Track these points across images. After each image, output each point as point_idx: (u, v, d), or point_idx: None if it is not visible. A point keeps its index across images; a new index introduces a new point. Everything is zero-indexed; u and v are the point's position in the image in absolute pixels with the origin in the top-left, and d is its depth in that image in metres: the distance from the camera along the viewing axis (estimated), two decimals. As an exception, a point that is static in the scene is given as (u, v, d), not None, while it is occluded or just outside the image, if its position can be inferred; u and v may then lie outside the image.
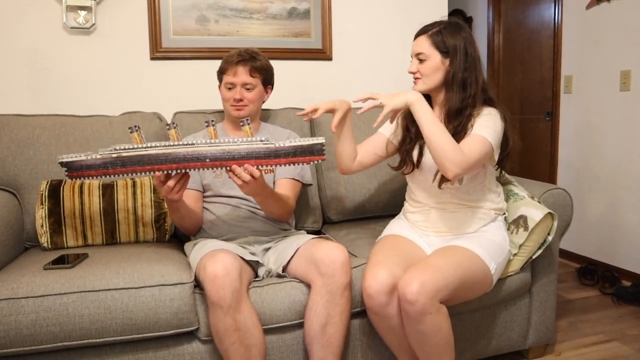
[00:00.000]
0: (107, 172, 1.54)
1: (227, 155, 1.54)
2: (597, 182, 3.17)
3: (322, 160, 1.57)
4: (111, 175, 1.55)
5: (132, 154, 1.53)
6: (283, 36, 2.60)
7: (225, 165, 1.55)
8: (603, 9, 3.06)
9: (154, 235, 1.96)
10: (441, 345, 1.56)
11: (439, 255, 1.65)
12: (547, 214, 1.83)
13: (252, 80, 1.91)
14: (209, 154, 1.53)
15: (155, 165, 1.54)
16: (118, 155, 1.53)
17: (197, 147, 1.53)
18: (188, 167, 1.54)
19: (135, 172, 1.54)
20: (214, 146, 1.53)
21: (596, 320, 2.46)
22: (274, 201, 1.80)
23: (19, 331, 1.44)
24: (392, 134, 1.90)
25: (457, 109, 1.71)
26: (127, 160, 1.53)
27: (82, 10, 2.31)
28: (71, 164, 1.55)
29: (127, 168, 1.54)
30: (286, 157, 1.56)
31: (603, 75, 3.08)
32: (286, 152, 1.55)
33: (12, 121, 2.01)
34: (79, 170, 1.55)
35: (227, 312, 1.48)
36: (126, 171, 1.54)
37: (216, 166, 1.55)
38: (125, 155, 1.53)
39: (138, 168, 1.54)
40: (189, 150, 1.53)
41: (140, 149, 1.53)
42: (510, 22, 4.08)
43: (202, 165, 1.54)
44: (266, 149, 1.55)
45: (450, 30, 1.72)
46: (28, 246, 1.96)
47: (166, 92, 2.47)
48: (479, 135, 1.64)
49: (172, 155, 1.53)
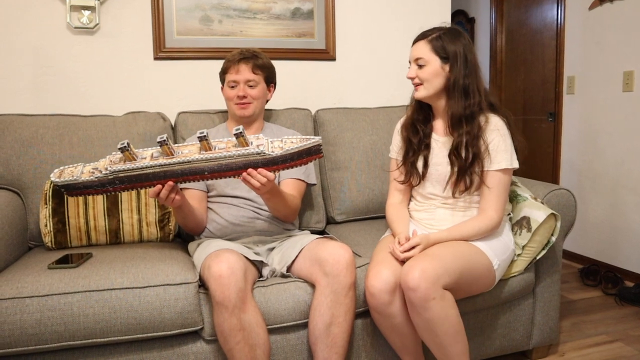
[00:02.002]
0: (107, 190, 1.57)
1: (225, 168, 1.54)
2: (599, 183, 3.17)
3: (320, 157, 1.58)
4: (111, 193, 1.58)
5: (129, 175, 1.53)
6: (286, 36, 2.60)
7: (224, 176, 1.55)
8: (606, 10, 3.06)
9: (158, 235, 1.96)
10: (451, 334, 1.55)
11: (440, 246, 1.66)
12: (550, 215, 1.83)
13: (254, 77, 1.92)
14: (206, 169, 1.53)
15: (154, 181, 1.55)
16: (115, 176, 1.53)
17: (193, 163, 1.52)
18: (189, 179, 1.54)
19: (136, 188, 1.57)
20: (210, 161, 1.52)
21: (599, 321, 2.45)
22: (282, 200, 1.80)
23: (23, 330, 1.44)
24: (397, 152, 1.91)
25: (460, 115, 1.71)
26: (126, 179, 1.54)
27: (86, 10, 2.31)
28: (68, 186, 1.56)
29: (126, 185, 1.55)
30: (284, 164, 1.55)
31: (606, 76, 3.08)
32: (284, 159, 1.54)
33: (16, 121, 2.01)
34: (78, 190, 1.57)
35: (232, 312, 1.48)
36: (126, 188, 1.56)
37: (215, 177, 1.55)
38: (123, 176, 1.53)
39: (138, 185, 1.55)
40: (184, 168, 1.52)
41: (137, 170, 1.52)
42: (512, 22, 4.08)
43: (201, 177, 1.55)
44: (263, 159, 1.54)
45: (450, 36, 1.72)
46: (32, 246, 1.96)
47: (170, 92, 2.47)
48: (498, 174, 1.71)
49: (169, 172, 1.54)
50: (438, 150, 1.79)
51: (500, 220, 1.73)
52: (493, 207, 1.71)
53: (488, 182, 1.72)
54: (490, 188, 1.71)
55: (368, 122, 2.39)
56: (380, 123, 2.40)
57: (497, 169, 1.71)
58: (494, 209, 1.71)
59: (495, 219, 1.71)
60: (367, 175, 2.31)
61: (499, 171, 1.71)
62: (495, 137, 1.71)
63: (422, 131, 1.82)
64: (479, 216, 1.73)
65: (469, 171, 1.71)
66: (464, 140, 1.70)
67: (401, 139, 1.89)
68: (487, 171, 1.72)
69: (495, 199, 1.71)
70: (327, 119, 2.37)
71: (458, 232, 1.70)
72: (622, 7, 2.94)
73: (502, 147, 1.71)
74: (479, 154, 1.70)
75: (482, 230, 1.70)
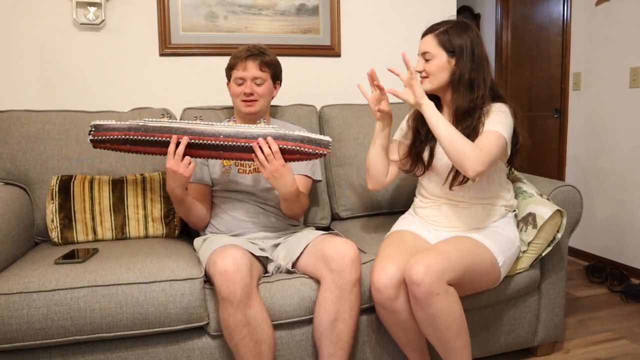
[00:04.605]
0: (128, 134, 1.72)
1: (240, 135, 1.66)
2: (605, 180, 3.16)
3: (328, 152, 1.67)
4: (130, 142, 1.73)
5: (156, 125, 1.71)
6: (292, 32, 2.60)
7: (237, 142, 1.66)
8: (612, 6, 3.04)
9: (164, 231, 1.96)
10: (454, 329, 1.55)
11: (444, 242, 1.66)
12: (556, 212, 1.82)
13: (262, 75, 1.92)
14: (223, 132, 1.67)
15: (172, 134, 1.68)
16: (144, 123, 1.71)
17: (215, 126, 1.68)
18: (203, 139, 1.67)
19: (154, 137, 1.70)
20: (230, 127, 1.68)
21: (605, 318, 2.45)
22: (296, 200, 1.80)
23: (30, 325, 1.45)
24: (402, 136, 1.91)
25: (465, 109, 1.70)
26: (150, 128, 1.71)
27: (92, 7, 2.31)
28: (99, 125, 1.75)
29: (148, 133, 1.70)
30: (294, 142, 1.65)
31: (612, 72, 3.07)
32: (294, 138, 1.66)
33: (23, 117, 2.02)
34: (105, 131, 1.74)
35: (237, 308, 1.48)
36: (146, 135, 1.71)
37: (228, 141, 1.67)
38: (150, 125, 1.71)
39: (157, 134, 1.70)
40: (207, 128, 1.68)
41: (165, 122, 1.71)
42: (518, 18, 4.06)
43: (215, 139, 1.67)
44: (276, 132, 1.66)
45: (457, 29, 1.71)
46: (38, 241, 1.97)
47: (175, 88, 2.47)
48: (492, 131, 1.64)
49: (190, 130, 1.68)
50: None
51: (480, 163, 1.56)
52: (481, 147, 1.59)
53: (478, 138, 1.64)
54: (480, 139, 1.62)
55: (373, 119, 2.36)
56: (385, 119, 2.39)
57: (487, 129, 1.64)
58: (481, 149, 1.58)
59: (480, 155, 1.56)
60: (372, 172, 2.30)
61: (490, 130, 1.64)
62: (494, 114, 1.67)
63: None
64: None
65: None
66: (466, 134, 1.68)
67: (408, 127, 1.88)
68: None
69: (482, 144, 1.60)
70: (333, 115, 2.37)
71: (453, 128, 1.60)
72: (629, 3, 2.92)
73: (496, 119, 1.65)
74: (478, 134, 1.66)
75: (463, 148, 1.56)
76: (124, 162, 2.05)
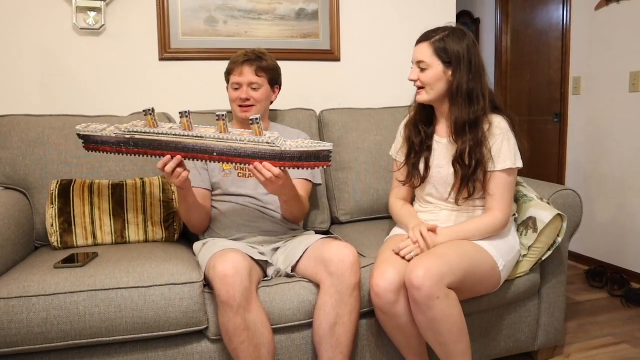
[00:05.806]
0: (120, 150, 1.64)
1: (234, 152, 1.58)
2: (605, 184, 3.16)
3: (328, 166, 1.59)
4: (124, 153, 1.64)
5: (144, 138, 1.61)
6: (291, 37, 2.61)
7: (231, 160, 1.59)
8: (612, 10, 3.04)
9: (163, 235, 1.96)
10: (454, 332, 1.55)
11: (444, 246, 1.66)
12: (556, 216, 1.82)
13: (258, 80, 1.92)
14: (216, 149, 1.57)
15: (165, 151, 1.60)
16: (131, 137, 1.61)
17: (206, 140, 1.58)
18: (196, 157, 1.59)
19: (147, 154, 1.63)
20: (222, 142, 1.57)
21: (605, 323, 2.44)
22: (296, 202, 1.81)
23: (30, 329, 1.45)
24: (398, 152, 1.91)
25: (464, 122, 1.68)
26: (140, 143, 1.61)
27: (92, 12, 2.32)
28: (87, 137, 1.66)
29: (139, 149, 1.62)
30: (291, 161, 1.57)
31: (612, 77, 3.07)
32: (291, 156, 1.57)
33: (23, 121, 2.02)
34: (94, 144, 1.66)
35: (236, 312, 1.48)
36: (137, 152, 1.63)
37: (223, 160, 1.59)
38: (138, 138, 1.61)
39: (149, 151, 1.62)
40: (197, 142, 1.58)
41: (153, 134, 1.60)
42: (518, 23, 4.07)
43: (209, 157, 1.59)
44: (272, 151, 1.56)
45: (454, 38, 1.68)
46: (38, 245, 1.97)
47: (175, 92, 2.48)
48: (503, 175, 1.70)
49: (181, 145, 1.59)
50: (439, 152, 1.79)
51: (506, 220, 1.72)
52: (499, 207, 1.70)
53: (493, 182, 1.71)
54: (496, 188, 1.70)
55: (373, 123, 2.39)
56: (385, 124, 2.40)
57: (501, 169, 1.70)
58: (499, 209, 1.70)
59: (501, 218, 1.70)
60: (371, 176, 2.30)
61: (504, 171, 1.70)
62: (498, 139, 1.70)
63: (424, 132, 1.81)
64: (485, 215, 1.73)
65: (472, 178, 1.70)
66: (467, 148, 1.68)
67: (402, 139, 1.88)
68: (492, 172, 1.71)
69: (500, 199, 1.71)
70: (332, 119, 2.37)
71: (462, 231, 1.70)
72: (629, 7, 2.93)
73: (505, 148, 1.70)
74: (482, 160, 1.69)
75: (489, 229, 1.70)
76: (123, 167, 2.05)
